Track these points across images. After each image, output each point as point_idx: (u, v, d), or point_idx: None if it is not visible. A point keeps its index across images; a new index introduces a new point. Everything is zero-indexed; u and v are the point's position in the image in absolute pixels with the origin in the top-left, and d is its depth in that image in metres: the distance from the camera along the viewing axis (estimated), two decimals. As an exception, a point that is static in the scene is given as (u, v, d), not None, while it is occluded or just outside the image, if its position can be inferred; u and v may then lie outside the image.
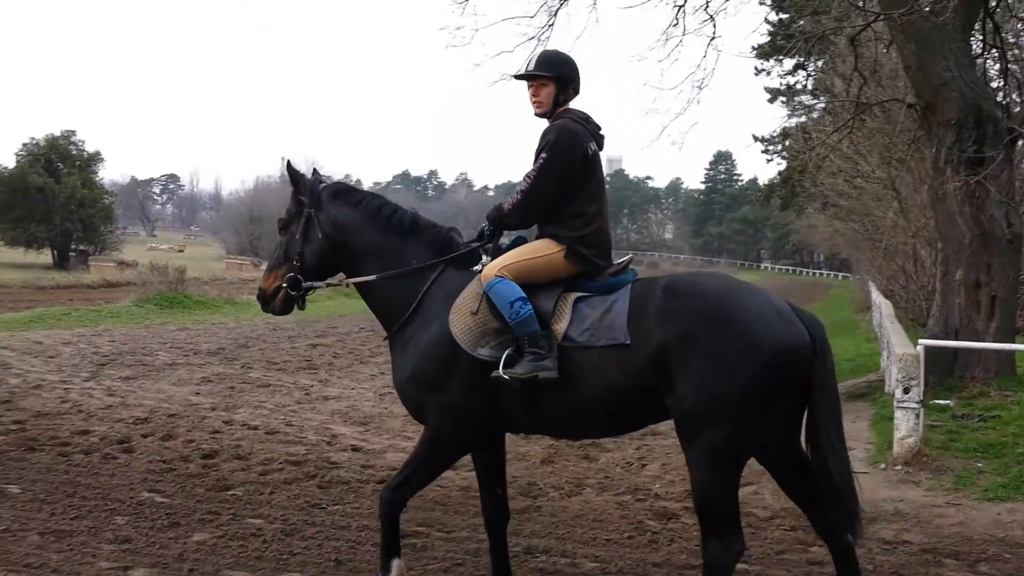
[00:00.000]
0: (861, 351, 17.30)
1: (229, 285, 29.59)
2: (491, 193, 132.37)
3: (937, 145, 10.59)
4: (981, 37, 12.33)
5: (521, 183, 4.48)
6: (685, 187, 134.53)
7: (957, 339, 10.03)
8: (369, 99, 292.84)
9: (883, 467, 7.56)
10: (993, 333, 10.07)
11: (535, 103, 4.51)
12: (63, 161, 51.55)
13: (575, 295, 4.25)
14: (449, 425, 4.36)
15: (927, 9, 10.03)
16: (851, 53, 12.18)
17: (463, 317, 4.28)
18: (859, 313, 29.43)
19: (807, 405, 3.95)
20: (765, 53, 32.64)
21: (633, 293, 4.15)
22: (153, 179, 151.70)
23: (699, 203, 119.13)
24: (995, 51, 12.40)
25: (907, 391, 7.63)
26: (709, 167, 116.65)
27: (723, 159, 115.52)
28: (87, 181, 51.73)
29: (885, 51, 13.14)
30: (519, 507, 6.21)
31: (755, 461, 4.29)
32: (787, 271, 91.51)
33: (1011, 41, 13.28)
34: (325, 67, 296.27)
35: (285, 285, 4.67)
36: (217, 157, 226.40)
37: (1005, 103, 12.49)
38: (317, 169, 4.96)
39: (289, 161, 4.79)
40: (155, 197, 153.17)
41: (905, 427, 7.64)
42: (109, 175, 78.83)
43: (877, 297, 20.36)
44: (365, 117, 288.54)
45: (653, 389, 3.98)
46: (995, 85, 13.21)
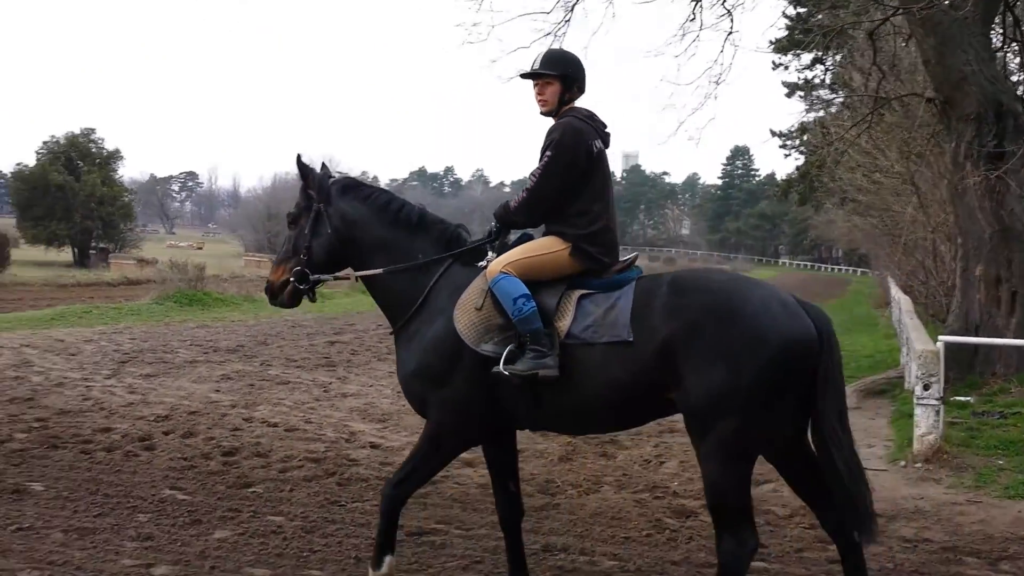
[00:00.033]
0: (880, 347, 17.19)
1: (248, 282, 29.69)
2: (507, 189, 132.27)
3: (957, 140, 10.53)
4: (1001, 31, 12.24)
5: (527, 181, 4.49)
6: (702, 182, 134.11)
7: (977, 335, 9.98)
8: (386, 96, 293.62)
9: (903, 465, 7.53)
10: (1014, 329, 10.00)
11: (540, 101, 4.53)
12: (83, 159, 51.78)
13: (579, 292, 4.27)
14: (451, 420, 4.38)
15: (946, 3, 9.98)
16: (870, 47, 12.12)
17: (467, 313, 4.30)
18: (878, 309, 29.24)
19: (814, 399, 3.94)
20: (783, 47, 32.44)
21: (638, 290, 4.16)
22: (172, 177, 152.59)
23: (716, 199, 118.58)
24: (1015, 45, 12.31)
25: (927, 388, 7.59)
26: (726, 162, 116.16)
27: (740, 154, 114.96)
28: (107, 179, 51.94)
29: (904, 45, 13.07)
30: (537, 505, 6.22)
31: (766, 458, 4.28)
32: (805, 267, 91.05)
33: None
34: (342, 64, 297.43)
35: (293, 279, 4.71)
36: (235, 154, 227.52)
37: (1026, 97, 12.39)
38: (326, 163, 4.96)
39: (299, 155, 4.80)
40: (174, 195, 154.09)
41: (925, 424, 7.60)
42: (129, 173, 79.30)
43: (896, 293, 20.23)
44: (382, 114, 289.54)
45: (657, 384, 4.00)
46: (1015, 79, 13.14)
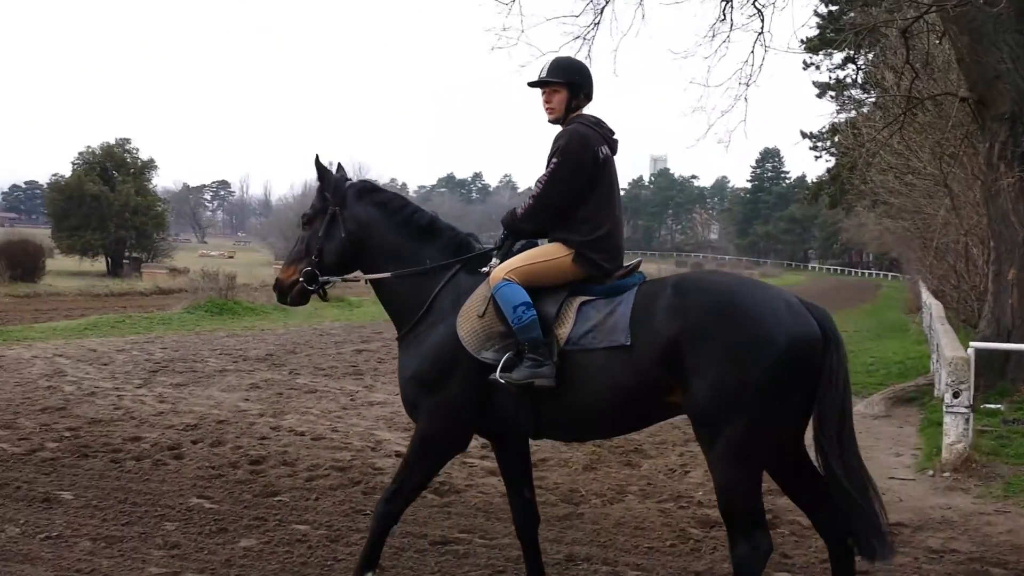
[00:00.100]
0: (910, 354, 16.98)
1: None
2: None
3: (990, 140, 10.37)
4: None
5: (534, 188, 4.51)
6: (731, 186, 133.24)
7: (1009, 341, 9.80)
8: (415, 103, 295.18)
9: (931, 473, 7.44)
10: (1047, 335, 9.83)
11: (548, 109, 4.55)
12: (118, 169, 52.30)
13: (580, 299, 4.27)
14: (439, 426, 4.40)
15: (981, 0, 9.83)
16: (902, 45, 11.98)
17: (470, 320, 4.33)
18: (909, 314, 28.87)
19: (817, 399, 3.92)
20: (814, 47, 32.14)
21: (639, 294, 4.16)
22: (204, 186, 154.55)
23: (745, 202, 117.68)
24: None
25: (957, 395, 7.49)
26: (756, 165, 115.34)
27: (770, 156, 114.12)
28: (141, 189, 52.44)
29: (938, 43, 12.91)
30: (560, 514, 6.22)
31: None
32: (835, 271, 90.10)
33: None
34: (373, 73, 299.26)
35: (302, 279, 4.76)
36: (267, 163, 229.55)
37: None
38: (342, 165, 4.99)
39: (317, 156, 4.82)
40: (206, 203, 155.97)
41: (954, 432, 7.50)
42: (162, 182, 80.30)
43: (927, 298, 19.99)
44: (411, 121, 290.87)
45: (659, 387, 4.00)
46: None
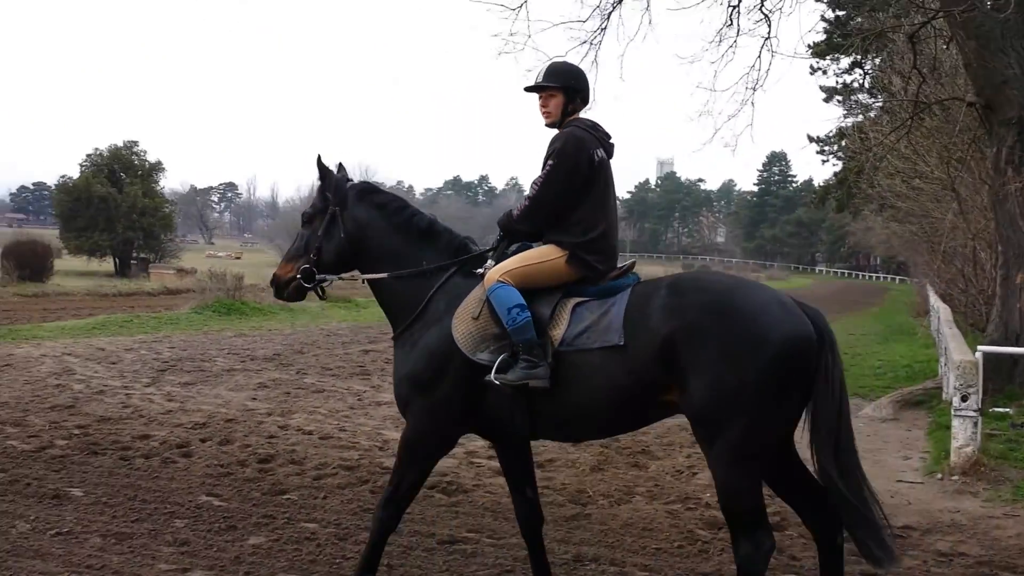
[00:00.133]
0: (918, 357, 16.94)
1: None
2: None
3: (998, 145, 10.36)
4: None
5: (529, 190, 4.53)
6: (738, 189, 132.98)
7: (1018, 345, 9.79)
8: (422, 106, 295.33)
9: (940, 477, 7.43)
10: (1056, 339, 9.81)
11: (544, 113, 4.58)
12: (125, 171, 52.50)
13: (574, 300, 4.29)
14: (427, 426, 4.43)
15: (988, 5, 9.84)
16: (910, 50, 11.97)
17: (465, 322, 4.35)
18: (917, 318, 28.79)
19: (813, 398, 3.94)
20: (821, 51, 32.10)
21: (633, 295, 4.19)
22: (212, 188, 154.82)
23: (752, 205, 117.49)
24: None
25: (965, 399, 7.48)
26: (762, 168, 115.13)
27: (777, 160, 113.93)
28: (148, 190, 52.62)
29: (945, 48, 12.88)
30: (568, 514, 6.23)
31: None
32: (842, 275, 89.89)
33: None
34: (379, 76, 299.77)
35: (299, 276, 4.79)
36: (274, 165, 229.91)
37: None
38: (343, 165, 5.00)
39: (319, 156, 4.84)
40: (213, 205, 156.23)
41: (963, 436, 7.48)
42: (169, 184, 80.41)
43: (935, 301, 19.93)
44: (417, 124, 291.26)
45: (655, 386, 4.01)
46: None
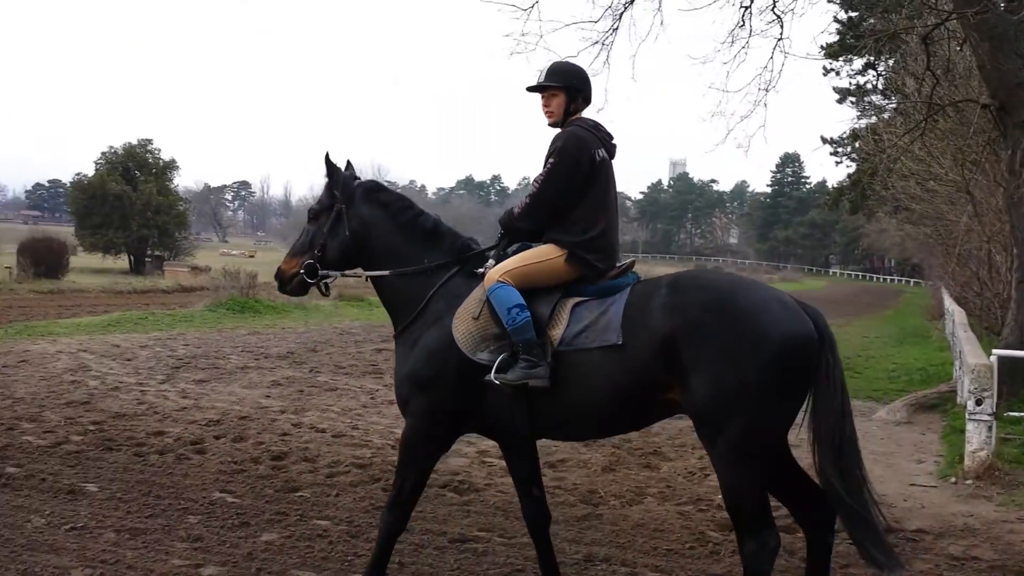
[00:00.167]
0: (933, 360, 16.87)
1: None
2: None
3: (1013, 147, 10.30)
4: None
5: (530, 187, 4.55)
6: (751, 190, 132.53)
7: (1033, 348, 9.73)
8: (435, 106, 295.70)
9: (953, 481, 7.40)
10: (1071, 343, 9.75)
11: (547, 113, 4.61)
12: (140, 169, 52.91)
13: (574, 300, 4.30)
14: (425, 425, 4.44)
15: (1002, 7, 9.79)
16: (923, 52, 11.90)
17: (465, 322, 4.37)
18: (931, 321, 28.65)
19: (814, 397, 3.94)
20: (834, 52, 31.90)
21: (633, 294, 4.19)
22: (225, 186, 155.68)
23: (765, 207, 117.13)
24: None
25: (979, 403, 7.45)
26: (776, 170, 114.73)
27: (790, 161, 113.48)
28: (163, 188, 53.03)
29: (959, 50, 12.81)
30: (579, 515, 6.24)
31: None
32: (856, 277, 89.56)
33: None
34: (391, 75, 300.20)
35: (303, 272, 4.85)
36: (288, 164, 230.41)
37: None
38: (351, 162, 5.02)
39: (328, 153, 4.87)
40: (227, 203, 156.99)
41: (977, 440, 7.45)
42: (184, 182, 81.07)
43: (950, 304, 19.84)
44: (430, 123, 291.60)
45: (656, 385, 4.01)
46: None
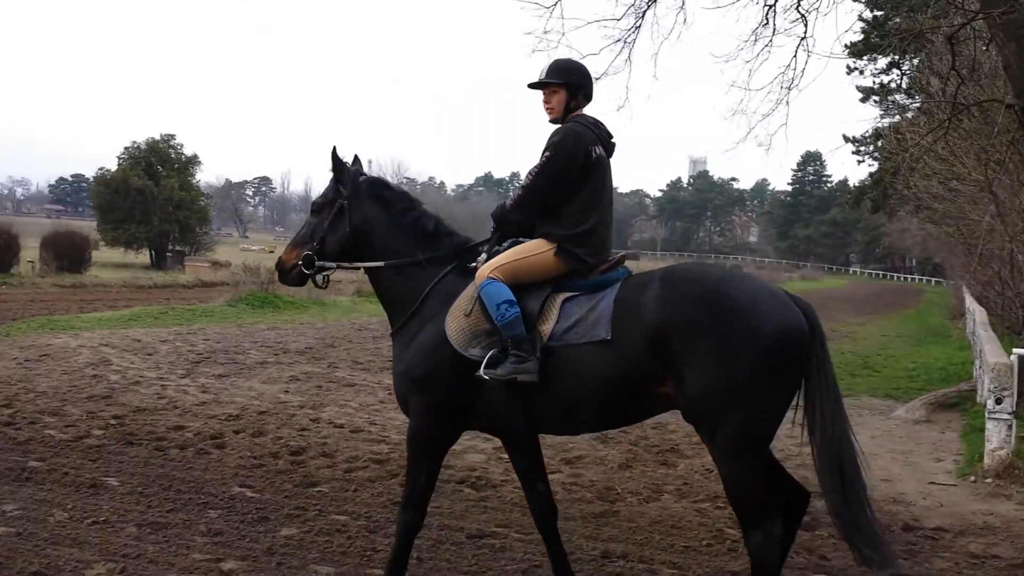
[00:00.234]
0: (953, 359, 16.75)
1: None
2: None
3: (1036, 147, 10.22)
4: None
5: (524, 179, 4.56)
6: (771, 188, 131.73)
7: (1055, 348, 9.64)
8: (455, 102, 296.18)
9: (973, 479, 7.36)
10: (1094, 343, 9.65)
11: (548, 109, 4.62)
12: (162, 164, 53.07)
13: (564, 295, 4.31)
14: (428, 423, 4.47)
15: (1028, 6, 9.67)
16: (948, 51, 11.79)
17: (457, 318, 4.39)
18: (952, 320, 28.44)
19: (808, 389, 3.97)
20: (858, 51, 31.69)
21: (623, 288, 4.20)
22: (246, 181, 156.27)
23: (786, 205, 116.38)
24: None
25: (999, 402, 7.41)
26: (797, 168, 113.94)
27: (812, 160, 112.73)
28: (184, 183, 53.15)
29: (984, 49, 12.69)
30: (596, 511, 6.25)
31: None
32: (877, 276, 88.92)
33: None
34: (413, 71, 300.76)
35: (301, 263, 4.89)
36: (308, 160, 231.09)
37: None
38: (358, 157, 5.04)
39: (335, 148, 4.90)
40: (248, 199, 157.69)
41: (996, 439, 7.42)
42: (205, 178, 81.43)
43: (971, 303, 19.70)
44: (450, 120, 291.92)
45: (649, 379, 4.01)
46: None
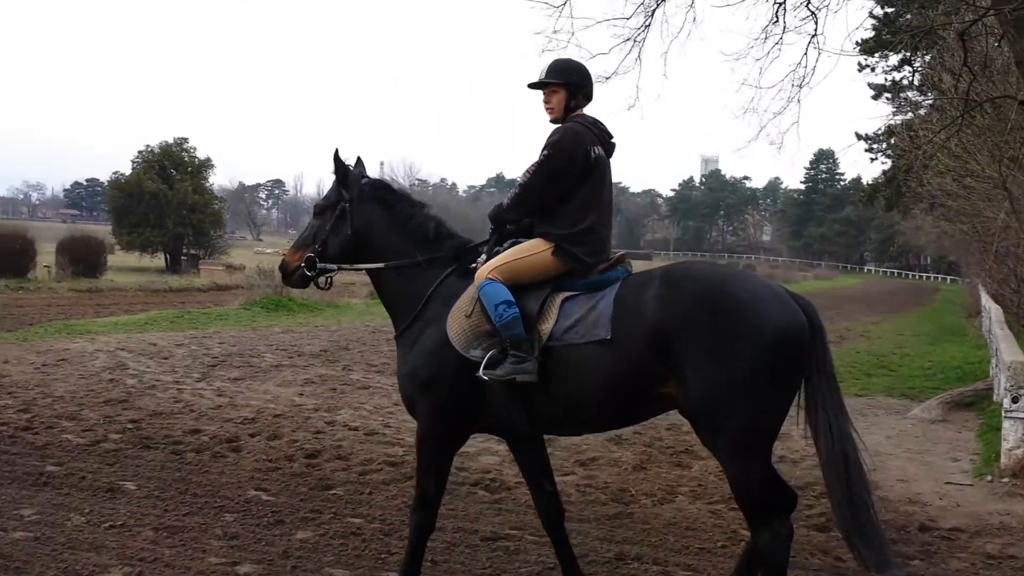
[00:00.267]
0: (969, 358, 16.63)
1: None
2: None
3: (1051, 144, 10.16)
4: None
5: (520, 177, 4.56)
6: (784, 187, 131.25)
7: (1072, 347, 9.59)
8: (467, 103, 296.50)
9: (989, 479, 7.33)
10: (1112, 341, 9.59)
11: (548, 109, 4.62)
12: (176, 168, 53.32)
13: (563, 295, 4.31)
14: (435, 424, 4.50)
15: (1041, 2, 9.61)
16: (960, 48, 11.73)
17: (458, 320, 4.41)
18: (968, 318, 28.26)
19: (809, 387, 3.96)
20: (869, 48, 31.57)
21: (623, 287, 4.20)
22: (260, 184, 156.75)
23: (799, 204, 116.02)
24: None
25: (1016, 400, 7.37)
26: (809, 166, 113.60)
27: (824, 158, 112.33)
28: (198, 187, 53.37)
29: (997, 46, 12.63)
30: (610, 513, 6.26)
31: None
32: (892, 274, 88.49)
33: None
34: (424, 73, 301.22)
35: (303, 265, 4.92)
36: (320, 163, 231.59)
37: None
38: (361, 159, 5.05)
39: (337, 151, 4.92)
40: (261, 202, 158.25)
41: (1013, 438, 7.38)
42: (219, 181, 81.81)
43: (987, 302, 19.58)
44: (462, 121, 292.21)
45: (650, 378, 4.00)
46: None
